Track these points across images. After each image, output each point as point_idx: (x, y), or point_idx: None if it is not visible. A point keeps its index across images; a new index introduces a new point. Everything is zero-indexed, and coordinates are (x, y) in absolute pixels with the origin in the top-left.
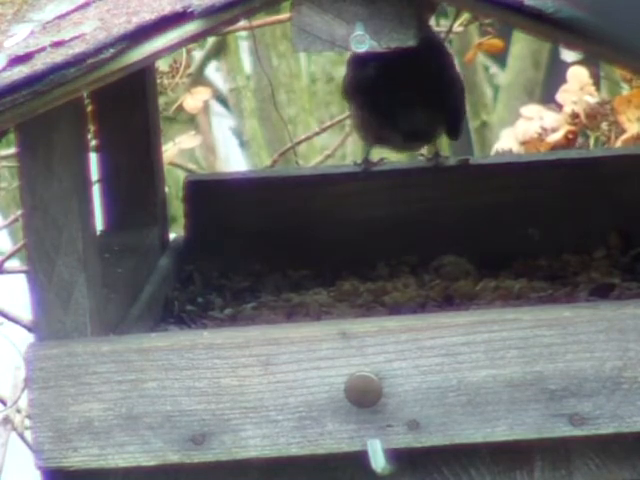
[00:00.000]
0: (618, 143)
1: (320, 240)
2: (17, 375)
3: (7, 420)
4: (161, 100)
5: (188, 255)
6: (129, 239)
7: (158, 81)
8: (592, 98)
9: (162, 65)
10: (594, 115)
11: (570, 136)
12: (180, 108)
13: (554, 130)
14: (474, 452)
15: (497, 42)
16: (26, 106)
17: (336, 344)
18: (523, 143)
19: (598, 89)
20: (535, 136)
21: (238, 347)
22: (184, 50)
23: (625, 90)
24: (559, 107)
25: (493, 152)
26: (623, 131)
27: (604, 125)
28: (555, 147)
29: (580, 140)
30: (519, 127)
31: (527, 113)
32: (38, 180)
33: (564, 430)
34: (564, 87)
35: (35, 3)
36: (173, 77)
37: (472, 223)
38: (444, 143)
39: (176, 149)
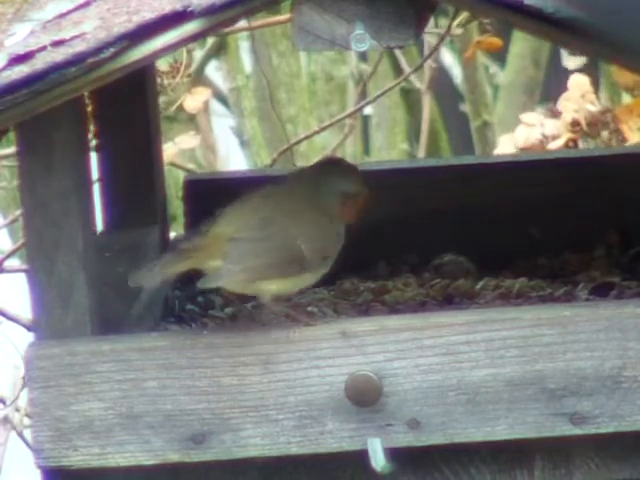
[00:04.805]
0: None
1: None
2: (16, 374)
3: (7, 419)
4: (161, 100)
5: None
6: (129, 238)
7: (158, 81)
8: (593, 106)
9: (162, 65)
10: (595, 123)
11: (571, 144)
12: (180, 108)
13: (555, 138)
14: (474, 451)
15: (496, 40)
16: (26, 105)
17: (336, 343)
18: (523, 149)
19: (597, 96)
20: (536, 143)
21: (238, 346)
22: (184, 50)
23: (626, 97)
24: (557, 111)
25: None
26: (624, 140)
27: (605, 133)
28: None
29: (581, 148)
30: (519, 134)
31: (527, 120)
32: (38, 179)
33: (564, 429)
34: (565, 95)
35: (35, 2)
36: (174, 77)
37: (472, 223)
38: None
39: (176, 149)
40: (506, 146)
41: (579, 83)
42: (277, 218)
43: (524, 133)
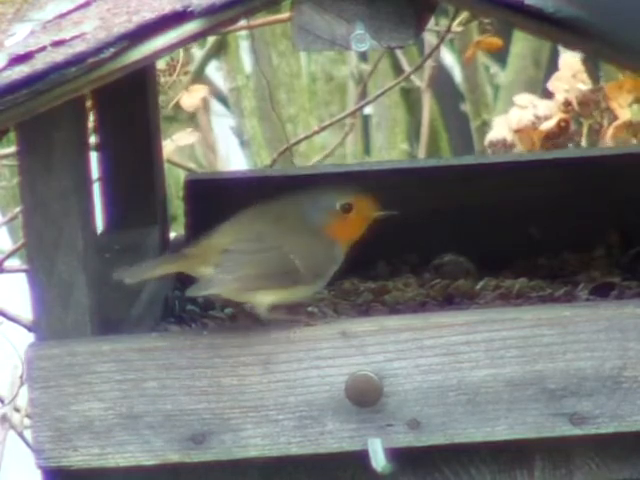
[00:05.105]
0: (610, 130)
1: None
2: (15, 374)
3: (5, 418)
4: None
5: None
6: (129, 238)
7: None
8: (584, 85)
9: (160, 63)
10: (586, 102)
11: (563, 124)
12: (178, 106)
13: (547, 118)
14: (474, 451)
15: (496, 40)
16: (26, 105)
17: (336, 343)
18: (517, 131)
19: (597, 81)
20: (529, 124)
21: (238, 346)
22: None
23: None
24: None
25: (486, 142)
26: (615, 118)
27: (596, 112)
28: (548, 135)
29: (573, 127)
30: (512, 115)
31: (520, 102)
32: (38, 179)
33: (564, 429)
34: (556, 75)
35: (35, 2)
36: (170, 75)
37: (472, 223)
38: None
39: (173, 146)
40: (500, 129)
41: (570, 63)
42: (272, 233)
43: (517, 115)
